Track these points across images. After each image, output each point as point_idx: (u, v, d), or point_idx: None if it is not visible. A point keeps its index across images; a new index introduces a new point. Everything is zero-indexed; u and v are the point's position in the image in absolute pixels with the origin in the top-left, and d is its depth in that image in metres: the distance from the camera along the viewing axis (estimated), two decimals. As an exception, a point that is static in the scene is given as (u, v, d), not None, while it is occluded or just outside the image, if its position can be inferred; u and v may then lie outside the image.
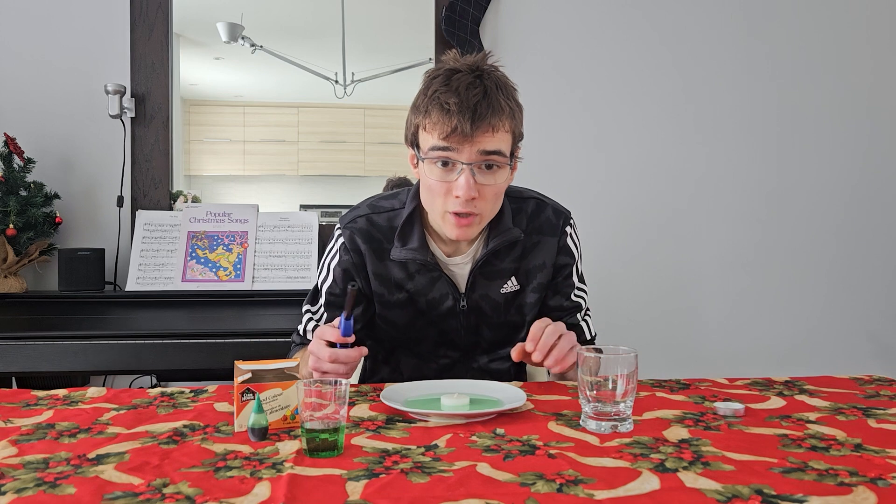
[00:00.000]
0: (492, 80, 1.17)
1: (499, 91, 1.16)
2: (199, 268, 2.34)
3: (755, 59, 2.74)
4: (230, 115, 2.69)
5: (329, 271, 1.34)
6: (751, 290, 2.75)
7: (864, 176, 2.80)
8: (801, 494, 0.72)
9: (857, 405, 1.10)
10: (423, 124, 1.18)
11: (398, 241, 1.28)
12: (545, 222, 1.34)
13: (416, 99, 1.21)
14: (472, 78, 1.15)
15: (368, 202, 1.35)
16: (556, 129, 2.66)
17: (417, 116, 1.19)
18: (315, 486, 0.75)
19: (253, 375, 0.96)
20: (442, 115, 1.14)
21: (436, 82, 1.17)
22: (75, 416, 1.03)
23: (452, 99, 1.13)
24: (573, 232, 1.37)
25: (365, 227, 1.31)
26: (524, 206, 1.34)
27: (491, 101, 1.14)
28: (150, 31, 2.50)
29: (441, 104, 1.14)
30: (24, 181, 2.30)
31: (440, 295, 1.30)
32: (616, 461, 0.82)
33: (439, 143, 1.15)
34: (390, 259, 1.29)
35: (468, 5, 2.55)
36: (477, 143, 1.14)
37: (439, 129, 1.14)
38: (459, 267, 1.31)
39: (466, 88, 1.14)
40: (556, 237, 1.34)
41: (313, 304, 1.37)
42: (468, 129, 1.13)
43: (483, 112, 1.13)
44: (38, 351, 1.95)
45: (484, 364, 1.38)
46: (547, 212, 1.35)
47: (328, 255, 1.36)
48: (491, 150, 1.16)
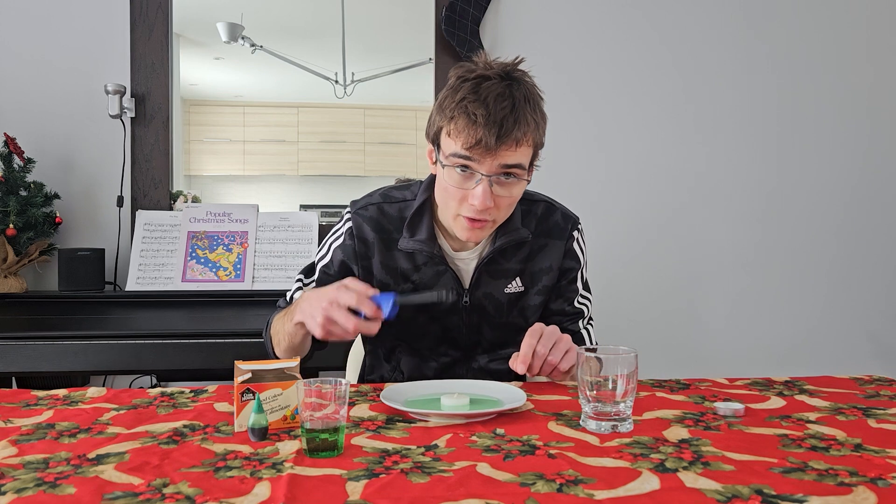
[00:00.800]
0: (521, 90, 1.17)
1: (526, 103, 1.16)
2: (199, 268, 2.34)
3: (755, 59, 2.74)
4: (230, 115, 2.69)
5: (329, 251, 1.35)
6: (751, 289, 2.75)
7: (864, 176, 2.80)
8: (801, 494, 0.72)
9: (857, 405, 1.10)
10: (448, 129, 1.17)
11: (407, 232, 1.29)
12: (554, 226, 1.35)
13: (442, 98, 1.20)
14: (501, 88, 1.15)
15: (382, 191, 1.36)
16: (557, 129, 2.65)
17: (442, 119, 1.19)
18: (315, 486, 0.75)
19: (253, 375, 0.96)
20: (468, 125, 1.13)
21: (465, 87, 1.16)
22: (75, 416, 1.03)
23: (480, 110, 1.13)
24: (580, 237, 1.38)
25: (375, 216, 1.32)
26: (534, 209, 1.35)
27: (518, 115, 1.14)
28: (150, 31, 2.50)
29: (469, 114, 1.13)
30: (24, 181, 2.30)
31: (445, 290, 1.31)
32: (616, 461, 0.82)
33: (461, 152, 1.15)
34: (398, 249, 1.30)
35: (468, 5, 2.55)
36: (500, 157, 1.15)
37: (463, 139, 1.14)
38: (465, 262, 1.32)
39: (495, 100, 1.13)
40: (564, 240, 1.35)
41: (307, 276, 1.38)
42: (492, 144, 1.13)
43: (509, 128, 1.13)
44: (38, 351, 1.95)
45: (484, 364, 1.39)
46: (556, 215, 1.36)
47: (332, 234, 1.36)
48: (512, 164, 1.16)
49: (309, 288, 1.35)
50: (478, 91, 1.15)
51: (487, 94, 1.14)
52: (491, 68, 1.18)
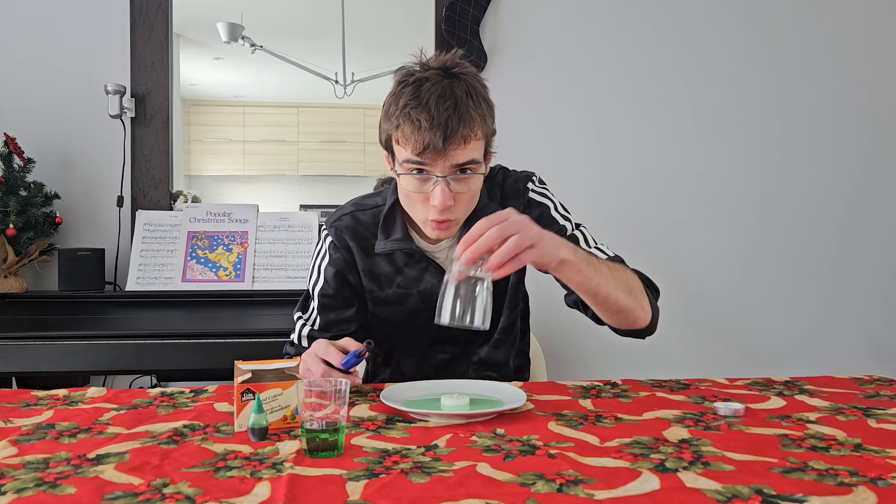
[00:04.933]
0: (462, 85, 1.16)
1: (469, 98, 1.15)
2: (199, 268, 2.34)
3: (755, 59, 2.74)
4: (230, 115, 2.69)
5: (320, 273, 1.33)
6: (750, 289, 2.75)
7: (864, 176, 2.80)
8: (801, 494, 0.72)
9: (857, 405, 1.10)
10: (396, 136, 1.17)
11: (382, 234, 1.30)
12: (509, 189, 1.35)
13: (387, 105, 1.19)
14: (441, 88, 1.14)
15: (353, 201, 1.37)
16: (557, 129, 2.66)
17: (390, 127, 1.18)
18: (315, 486, 0.75)
19: (253, 375, 0.96)
20: (414, 131, 1.13)
21: (406, 93, 1.15)
22: (75, 416, 1.03)
23: (423, 115, 1.12)
24: (535, 187, 1.36)
25: (351, 225, 1.32)
26: (496, 180, 1.36)
27: (461, 113, 1.13)
28: (150, 31, 2.50)
29: (412, 120, 1.13)
30: (24, 181, 2.30)
31: (431, 284, 1.31)
32: (616, 461, 0.82)
33: (412, 158, 1.15)
34: (377, 254, 1.30)
35: (468, 5, 2.55)
36: (450, 157, 1.14)
37: (412, 145, 1.14)
38: (444, 252, 1.32)
39: (437, 103, 1.12)
40: (521, 199, 1.34)
41: (305, 310, 1.36)
42: (440, 146, 1.12)
43: (454, 128, 1.12)
44: (38, 351, 1.95)
45: (485, 355, 1.38)
46: (509, 179, 1.36)
47: (316, 258, 1.35)
48: (464, 162, 1.16)
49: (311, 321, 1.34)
50: (419, 96, 1.14)
51: (429, 98, 1.13)
52: (429, 68, 1.18)
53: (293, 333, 1.36)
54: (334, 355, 1.09)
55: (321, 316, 1.33)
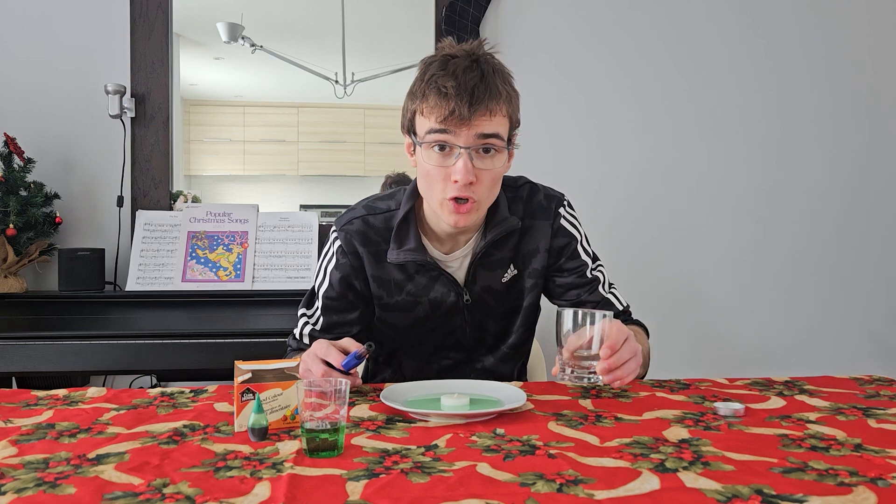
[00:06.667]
0: (489, 65, 1.17)
1: (496, 75, 1.16)
2: (199, 268, 2.34)
3: (755, 59, 2.74)
4: (230, 115, 2.69)
5: (326, 275, 1.32)
6: (751, 289, 2.75)
7: (864, 175, 2.80)
8: (801, 494, 0.72)
9: (857, 405, 1.10)
10: (421, 109, 1.18)
11: (394, 244, 1.27)
12: (537, 206, 1.33)
13: (412, 85, 1.21)
14: (468, 62, 1.16)
15: (364, 203, 1.34)
16: (557, 129, 2.66)
17: (414, 102, 1.19)
18: (315, 486, 0.75)
19: (253, 375, 0.96)
20: (439, 99, 1.14)
21: (433, 67, 1.17)
22: (75, 416, 1.03)
23: (450, 82, 1.13)
24: (567, 213, 1.35)
25: (362, 229, 1.29)
26: (519, 193, 1.34)
27: (488, 84, 1.14)
28: (150, 31, 2.50)
29: (438, 88, 1.14)
30: (24, 181, 2.30)
31: (441, 293, 1.30)
32: (616, 461, 0.82)
33: (437, 126, 1.15)
34: (388, 261, 1.29)
35: (468, 5, 2.55)
36: (475, 126, 1.14)
37: (437, 113, 1.14)
38: (458, 262, 1.31)
39: (464, 72, 1.14)
40: (549, 220, 1.33)
41: (309, 307, 1.35)
42: (466, 113, 1.13)
43: (480, 95, 1.13)
44: (38, 351, 1.95)
45: (490, 365, 1.38)
46: (538, 196, 1.34)
47: (324, 258, 1.34)
48: (489, 134, 1.15)
49: (314, 320, 1.33)
50: (445, 67, 1.15)
51: (456, 68, 1.14)
52: (456, 48, 1.19)
53: (296, 328, 1.36)
54: (335, 356, 1.08)
55: (324, 317, 1.32)
